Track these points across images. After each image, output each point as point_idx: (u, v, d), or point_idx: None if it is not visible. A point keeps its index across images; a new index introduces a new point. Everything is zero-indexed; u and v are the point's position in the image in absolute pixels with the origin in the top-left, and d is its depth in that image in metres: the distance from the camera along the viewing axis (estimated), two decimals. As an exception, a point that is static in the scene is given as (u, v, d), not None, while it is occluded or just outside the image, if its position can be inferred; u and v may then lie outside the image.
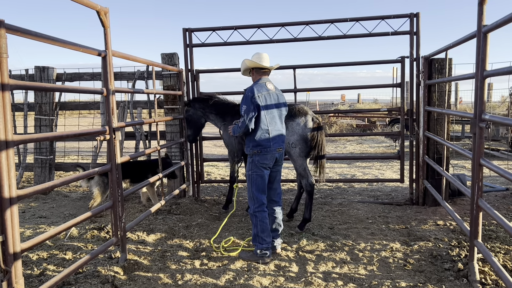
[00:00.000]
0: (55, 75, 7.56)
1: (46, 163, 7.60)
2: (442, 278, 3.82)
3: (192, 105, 6.21)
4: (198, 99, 6.24)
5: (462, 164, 10.43)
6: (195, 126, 6.27)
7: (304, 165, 5.30)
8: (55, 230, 3.14)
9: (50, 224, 5.75)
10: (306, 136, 5.18)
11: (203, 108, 6.12)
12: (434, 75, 5.93)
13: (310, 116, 5.25)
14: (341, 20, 6.28)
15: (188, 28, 6.69)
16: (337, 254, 4.50)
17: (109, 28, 3.91)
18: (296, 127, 5.18)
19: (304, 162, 5.30)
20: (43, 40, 2.91)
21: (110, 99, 3.91)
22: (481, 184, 3.54)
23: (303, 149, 5.23)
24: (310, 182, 5.32)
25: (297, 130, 5.18)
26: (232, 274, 4.00)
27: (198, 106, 6.16)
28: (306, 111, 5.27)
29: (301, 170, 5.32)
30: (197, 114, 6.20)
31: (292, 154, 5.27)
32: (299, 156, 5.26)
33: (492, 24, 3.20)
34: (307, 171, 5.32)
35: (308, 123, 5.19)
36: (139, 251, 4.58)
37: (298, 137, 5.18)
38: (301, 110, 5.25)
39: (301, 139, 5.18)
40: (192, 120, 6.24)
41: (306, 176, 5.32)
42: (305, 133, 5.17)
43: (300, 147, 5.21)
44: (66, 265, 4.21)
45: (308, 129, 5.18)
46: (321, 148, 5.22)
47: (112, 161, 4.00)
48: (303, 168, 5.30)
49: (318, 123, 5.25)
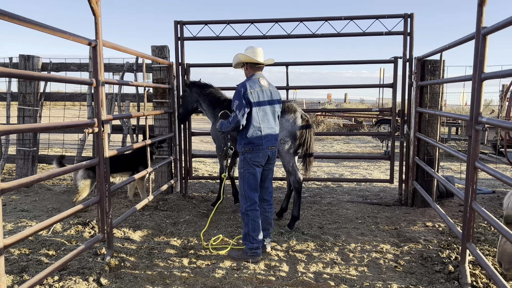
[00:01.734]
0: (41, 64, 7.34)
1: (29, 155, 7.38)
2: (433, 280, 3.80)
3: (189, 87, 6.18)
4: (197, 84, 6.14)
5: (448, 166, 10.53)
6: (186, 108, 6.29)
7: (292, 161, 5.26)
8: (40, 225, 3.00)
9: (32, 218, 5.57)
10: (295, 133, 5.16)
11: (198, 94, 6.07)
12: (427, 77, 5.92)
13: (299, 113, 5.24)
14: (335, 18, 6.22)
15: (180, 21, 6.55)
16: (328, 254, 4.45)
17: (100, 17, 3.76)
18: (286, 124, 5.16)
19: (292, 159, 5.26)
20: (33, 27, 2.77)
21: (99, 91, 3.77)
22: (475, 187, 3.53)
23: (292, 145, 5.21)
24: (298, 179, 5.27)
25: (286, 127, 5.16)
26: (221, 273, 3.91)
27: (195, 90, 6.10)
28: (295, 108, 5.26)
29: (289, 167, 5.28)
30: (191, 97, 6.16)
31: (281, 150, 5.24)
32: (287, 152, 5.23)
33: (493, 26, 3.17)
34: (295, 167, 5.28)
35: (297, 120, 5.18)
36: (126, 248, 4.45)
37: (287, 133, 5.16)
38: (291, 107, 5.25)
39: (290, 135, 5.17)
40: (185, 101, 6.27)
41: (294, 173, 5.28)
42: (294, 130, 5.16)
43: (288, 144, 5.19)
44: (49, 261, 4.07)
45: (297, 126, 5.16)
46: (310, 145, 5.20)
47: (100, 154, 3.87)
48: (290, 165, 5.27)
49: (307, 120, 5.23)
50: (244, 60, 4.45)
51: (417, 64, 5.97)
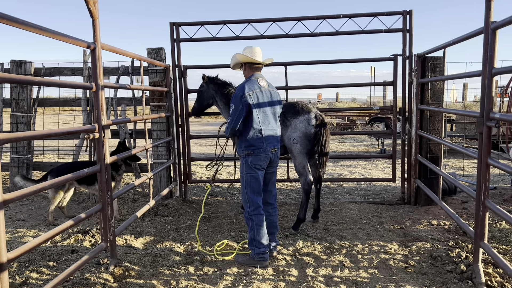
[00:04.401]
0: (33, 69, 7.17)
1: (24, 162, 7.21)
2: (446, 280, 3.73)
3: (207, 83, 5.91)
4: (215, 81, 5.88)
5: (446, 163, 10.52)
6: (202, 103, 6.06)
7: (303, 163, 5.19)
8: (43, 237, 2.88)
9: (29, 227, 5.41)
10: (309, 133, 5.11)
11: (216, 91, 5.84)
12: (427, 74, 5.87)
13: (314, 113, 5.20)
14: (333, 16, 6.16)
15: (176, 22, 6.44)
16: (336, 256, 4.37)
17: (98, 19, 3.64)
18: (299, 125, 5.12)
19: (304, 159, 5.19)
20: (33, 30, 2.64)
21: (99, 95, 3.65)
22: (487, 185, 3.47)
23: (305, 146, 5.15)
24: (309, 181, 5.20)
25: (300, 128, 5.11)
26: (229, 280, 3.80)
27: (212, 87, 5.85)
28: (309, 108, 5.23)
29: (300, 168, 5.21)
30: (208, 93, 5.92)
31: (293, 150, 5.19)
32: (300, 153, 5.17)
33: (504, 20, 3.11)
34: (306, 169, 5.21)
35: (311, 120, 5.14)
36: (129, 256, 4.32)
37: (301, 134, 5.11)
38: (305, 107, 5.22)
39: (304, 136, 5.11)
40: (202, 97, 6.02)
41: (305, 175, 5.21)
42: (308, 130, 5.11)
43: (302, 144, 5.14)
44: (50, 272, 3.93)
45: (311, 126, 5.12)
46: (325, 145, 5.16)
47: (101, 161, 3.75)
48: (302, 166, 5.20)
49: (322, 119, 5.18)
50: (242, 60, 4.31)
51: (417, 61, 5.92)
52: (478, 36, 3.70)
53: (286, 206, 6.42)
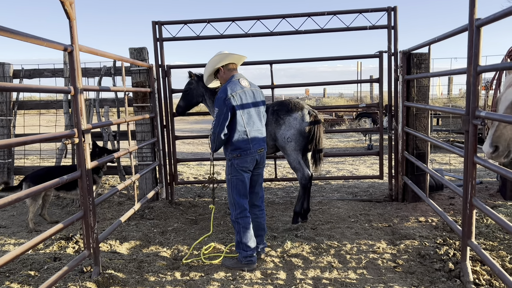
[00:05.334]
0: (12, 71, 6.98)
1: (4, 167, 7.03)
2: (435, 279, 3.71)
3: (195, 80, 5.72)
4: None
5: (432, 157, 10.58)
6: (190, 101, 5.84)
7: (298, 158, 5.19)
8: (24, 247, 2.78)
9: (11, 234, 5.27)
10: (303, 130, 5.10)
11: (205, 89, 5.65)
12: (413, 70, 5.86)
13: (307, 109, 5.20)
14: (318, 13, 6.09)
15: (158, 21, 6.31)
16: (324, 257, 4.32)
17: (75, 20, 3.53)
18: (293, 122, 5.11)
19: (298, 156, 5.18)
20: (3, 34, 2.53)
21: (78, 99, 3.54)
22: (474, 183, 3.45)
23: (299, 143, 5.14)
24: (306, 175, 5.20)
25: (294, 125, 5.10)
26: (217, 285, 3.73)
27: (202, 85, 5.63)
28: (302, 105, 5.22)
29: (295, 164, 5.20)
30: (197, 91, 5.73)
31: (287, 148, 5.17)
32: (294, 150, 5.16)
33: (487, 18, 3.08)
34: (302, 164, 5.19)
35: (305, 117, 5.14)
36: (113, 263, 4.21)
37: (295, 131, 5.10)
38: (297, 104, 5.21)
39: (298, 133, 5.11)
40: (189, 94, 5.79)
41: (301, 170, 5.18)
42: (302, 127, 5.10)
43: (296, 142, 5.13)
44: (32, 282, 3.81)
45: (305, 123, 5.11)
46: (319, 141, 5.16)
47: (82, 167, 3.64)
48: (297, 161, 5.19)
49: (315, 115, 5.18)
50: (215, 67, 4.28)
51: (402, 57, 5.89)
52: (463, 33, 3.68)
53: (274, 205, 6.36)
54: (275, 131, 5.21)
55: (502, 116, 2.90)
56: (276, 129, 5.19)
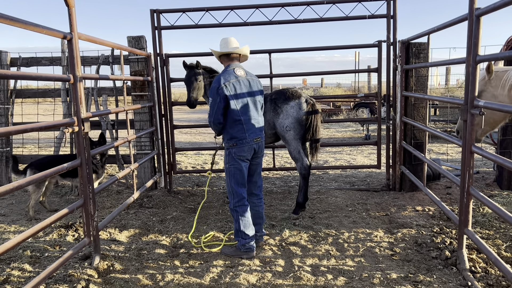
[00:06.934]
0: (9, 60, 6.93)
1: (2, 155, 7.02)
2: (431, 267, 3.77)
3: (203, 72, 5.36)
4: (211, 70, 5.46)
5: (430, 147, 10.63)
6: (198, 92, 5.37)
7: (298, 148, 5.19)
8: (24, 235, 2.80)
9: (10, 222, 5.29)
10: (301, 119, 5.10)
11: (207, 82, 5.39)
12: (411, 60, 5.86)
13: (304, 98, 5.19)
14: (317, 2, 6.06)
15: (156, 10, 6.27)
16: (322, 245, 4.37)
17: (74, 8, 3.51)
18: (291, 110, 5.10)
19: (298, 145, 5.19)
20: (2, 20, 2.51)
21: (77, 87, 3.53)
22: (471, 172, 3.48)
23: (298, 131, 5.14)
24: (305, 165, 5.20)
25: (292, 113, 5.10)
26: (216, 272, 3.77)
27: (208, 77, 5.39)
28: (299, 93, 5.21)
29: (295, 153, 5.21)
30: (205, 83, 5.39)
31: (287, 137, 5.18)
32: (294, 139, 5.16)
33: (488, 7, 3.08)
34: (302, 154, 5.20)
35: (302, 105, 5.13)
36: (113, 250, 4.26)
37: (293, 120, 5.10)
38: (294, 93, 5.20)
39: (296, 122, 5.10)
40: (198, 85, 5.31)
41: (301, 159, 5.20)
42: (299, 115, 5.10)
43: (295, 130, 5.13)
44: (33, 269, 3.84)
45: (302, 112, 5.10)
46: (316, 130, 5.15)
47: (82, 155, 3.64)
48: (297, 151, 5.20)
49: (313, 104, 5.17)
50: (216, 55, 4.31)
51: (401, 47, 5.89)
52: (462, 23, 3.68)
53: (272, 195, 6.40)
54: (273, 120, 5.21)
55: (501, 105, 2.92)
56: (274, 118, 5.20)
